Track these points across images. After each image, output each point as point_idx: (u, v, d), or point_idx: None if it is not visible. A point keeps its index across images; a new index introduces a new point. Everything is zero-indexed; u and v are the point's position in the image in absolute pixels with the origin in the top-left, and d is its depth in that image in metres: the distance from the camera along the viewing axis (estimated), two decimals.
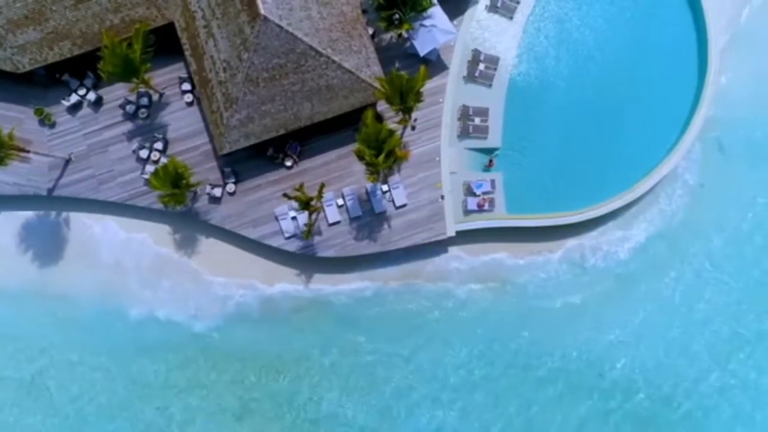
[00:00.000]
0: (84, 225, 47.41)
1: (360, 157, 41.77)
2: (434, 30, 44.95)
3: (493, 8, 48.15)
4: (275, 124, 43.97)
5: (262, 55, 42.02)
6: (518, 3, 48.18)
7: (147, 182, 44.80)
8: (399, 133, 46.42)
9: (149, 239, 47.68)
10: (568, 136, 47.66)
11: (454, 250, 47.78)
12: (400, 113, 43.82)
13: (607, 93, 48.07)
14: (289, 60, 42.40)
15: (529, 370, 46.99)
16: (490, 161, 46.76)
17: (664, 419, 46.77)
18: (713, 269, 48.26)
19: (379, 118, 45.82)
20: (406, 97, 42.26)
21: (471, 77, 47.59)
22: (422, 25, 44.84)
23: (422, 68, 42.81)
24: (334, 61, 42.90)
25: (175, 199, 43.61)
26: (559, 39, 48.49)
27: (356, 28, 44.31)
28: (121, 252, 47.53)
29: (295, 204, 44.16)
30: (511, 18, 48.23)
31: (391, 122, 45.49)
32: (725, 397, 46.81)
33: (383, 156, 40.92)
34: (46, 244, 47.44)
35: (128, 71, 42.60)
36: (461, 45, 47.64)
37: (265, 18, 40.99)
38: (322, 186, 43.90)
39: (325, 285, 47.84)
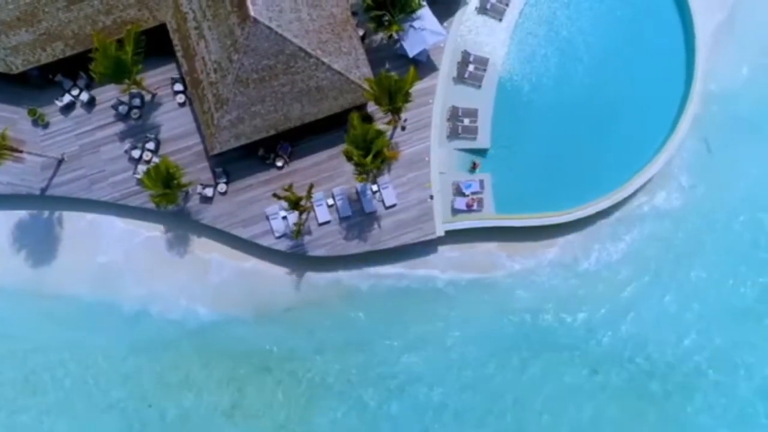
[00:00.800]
0: (76, 224, 47.85)
1: (348, 157, 42.19)
2: (423, 31, 45.35)
3: (482, 10, 48.54)
4: (265, 125, 44.40)
5: (252, 56, 42.45)
6: (507, 5, 48.57)
7: (139, 182, 45.25)
8: (389, 133, 46.93)
9: (142, 239, 48.09)
10: (556, 136, 48.05)
11: (443, 250, 48.17)
12: (390, 114, 44.26)
13: (596, 93, 48.47)
14: (279, 61, 42.83)
15: (521, 367, 47.43)
16: (474, 164, 47.10)
17: None
18: (703, 270, 48.53)
19: (369, 118, 46.29)
20: (394, 98, 42.70)
21: (460, 78, 48.00)
22: (411, 27, 45.23)
23: (411, 69, 43.24)
24: (323, 63, 43.33)
25: (166, 199, 44.02)
26: (548, 40, 48.91)
27: (346, 29, 44.73)
28: (113, 251, 47.95)
29: (285, 204, 44.54)
30: (501, 20, 48.63)
31: (381, 123, 45.89)
32: None
33: (371, 156, 41.34)
34: (40, 243, 47.90)
35: (120, 72, 43.03)
36: (451, 46, 48.04)
37: (255, 20, 41.43)
38: (311, 186, 44.35)
39: (316, 284, 48.23)
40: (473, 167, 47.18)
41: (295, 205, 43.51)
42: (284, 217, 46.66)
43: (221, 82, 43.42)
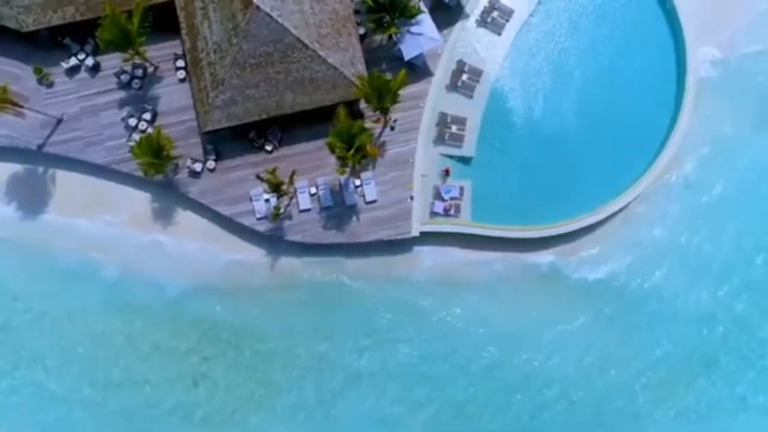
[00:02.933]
0: (67, 183, 49.42)
1: (332, 149, 43.60)
2: (420, 36, 46.82)
3: (482, 23, 49.86)
4: (257, 109, 45.90)
5: (251, 41, 44.00)
6: (507, 21, 49.86)
7: (131, 149, 46.80)
8: (377, 131, 48.35)
9: (129, 205, 49.50)
10: (540, 154, 49.31)
11: (417, 250, 49.40)
12: (378, 113, 45.65)
13: (583, 117, 49.78)
14: (277, 49, 44.35)
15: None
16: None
17: None
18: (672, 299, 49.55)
19: (359, 115, 47.66)
20: (383, 98, 44.10)
21: (453, 86, 49.32)
22: (409, 31, 46.68)
23: (402, 72, 44.66)
24: (319, 56, 44.81)
25: (155, 168, 45.67)
26: (544, 59, 50.24)
27: (346, 26, 46.17)
28: (100, 213, 49.43)
29: (267, 186, 46.01)
30: (500, 34, 49.94)
31: (370, 121, 47.30)
32: None
33: (353, 151, 42.73)
34: (30, 197, 49.54)
35: (124, 42, 44.72)
36: (447, 54, 49.40)
37: (257, 7, 42.99)
38: (293, 173, 45.84)
39: (291, 269, 49.58)
40: (445, 173, 48.37)
41: (275, 188, 45.00)
42: (267, 200, 48.11)
43: (219, 63, 44.99)
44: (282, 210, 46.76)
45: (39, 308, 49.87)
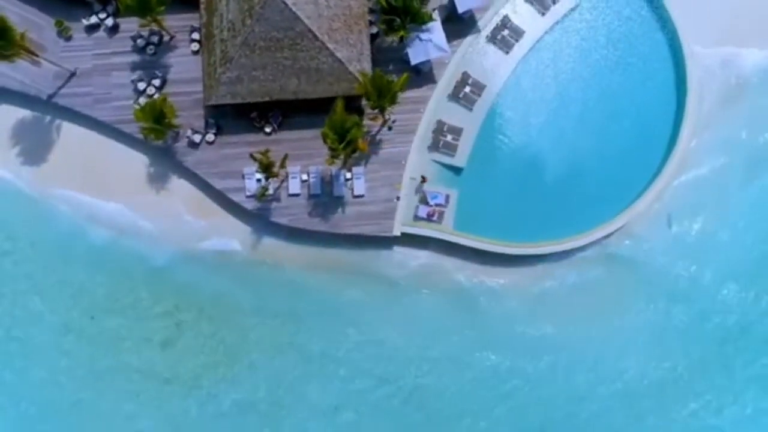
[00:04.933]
0: (71, 136, 51.01)
1: (324, 139, 44.87)
2: (429, 43, 48.01)
3: (492, 39, 50.96)
4: (261, 90, 47.29)
5: (263, 25, 45.41)
6: (517, 41, 50.93)
7: (134, 112, 48.28)
8: (375, 129, 49.61)
9: (126, 165, 51.00)
10: (529, 174, 50.32)
11: (397, 250, 50.56)
12: (377, 111, 46.90)
13: (579, 145, 50.72)
14: (287, 36, 45.72)
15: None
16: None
17: None
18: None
19: (359, 111, 48.87)
20: (383, 97, 45.31)
21: (455, 97, 50.46)
22: (418, 37, 47.89)
23: (404, 75, 45.94)
24: (327, 48, 46.14)
25: (154, 134, 47.20)
26: (547, 83, 51.22)
27: (358, 23, 47.46)
28: (97, 169, 50.98)
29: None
30: (507, 53, 50.99)
31: (368, 118, 48.57)
32: None
33: (344, 144, 43.98)
34: (35, 144, 51.17)
35: (144, 8, 46.28)
36: (454, 64, 50.55)
37: None
38: (286, 157, 47.18)
39: (273, 250, 50.92)
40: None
41: (266, 169, 46.34)
42: (258, 180, 49.46)
43: (231, 42, 46.42)
44: (269, 191, 48.16)
45: (25, 252, 51.37)
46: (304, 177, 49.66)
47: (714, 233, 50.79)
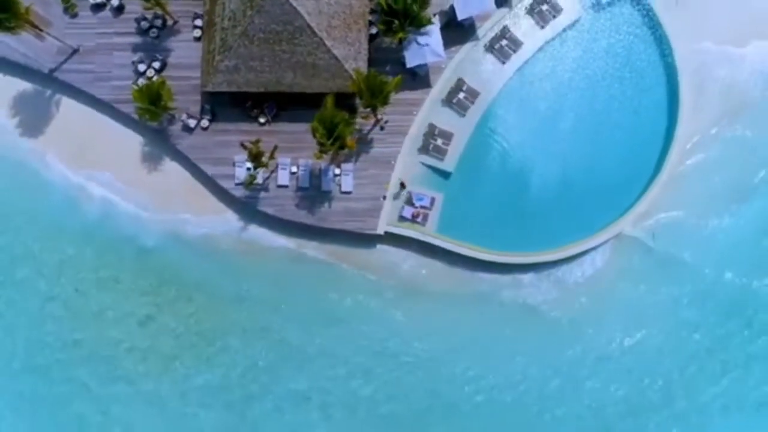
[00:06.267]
0: (69, 111, 52.01)
1: (313, 133, 45.60)
2: (425, 48, 48.64)
3: (490, 48, 51.53)
4: (257, 81, 48.07)
5: (263, 17, 46.17)
6: (515, 51, 51.49)
7: (132, 92, 49.10)
8: (367, 128, 50.32)
9: (121, 144, 51.93)
10: (515, 184, 50.93)
11: (380, 248, 51.29)
12: (369, 110, 47.61)
13: (566, 160, 51.22)
14: (286, 30, 46.46)
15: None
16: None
17: None
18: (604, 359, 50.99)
19: (353, 109, 49.52)
20: (375, 97, 46.00)
21: (448, 102, 51.11)
22: (416, 40, 48.52)
23: (398, 77, 46.63)
24: (325, 45, 46.87)
25: (150, 115, 48.06)
26: (541, 96, 51.76)
27: (358, 23, 48.17)
28: (93, 146, 51.89)
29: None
30: (504, 63, 51.56)
31: (360, 116, 49.29)
32: None
33: (332, 139, 44.71)
34: (33, 116, 52.24)
35: None
36: (450, 70, 51.17)
37: None
38: (275, 148, 47.97)
39: (257, 238, 51.71)
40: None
41: (255, 158, 47.12)
42: (248, 168, 50.24)
43: (231, 31, 47.19)
44: (257, 179, 48.94)
45: (16, 222, 52.40)
46: (294, 169, 50.41)
47: (694, 262, 51.31)
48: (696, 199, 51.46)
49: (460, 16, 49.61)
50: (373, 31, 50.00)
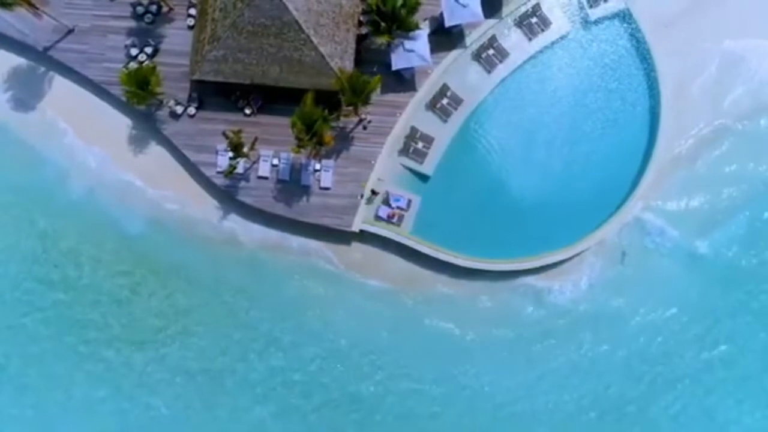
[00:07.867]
0: (60, 89, 53.03)
1: (293, 127, 46.44)
2: (411, 52, 49.41)
3: (477, 57, 52.25)
4: (244, 73, 48.94)
5: (253, 10, 47.05)
6: (501, 62, 52.20)
7: (120, 75, 50.02)
8: (350, 126, 51.12)
9: (109, 126, 52.89)
10: (490, 192, 51.66)
11: (354, 245, 52.11)
12: (351, 108, 48.46)
13: (546, 169, 51.92)
14: (274, 24, 47.32)
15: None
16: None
17: None
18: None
19: (337, 105, 50.20)
20: (357, 96, 46.81)
21: (432, 106, 51.86)
22: (402, 44, 49.28)
23: (377, 78, 47.50)
24: (311, 42, 47.69)
25: (137, 98, 49.01)
26: (524, 107, 52.48)
27: (347, 22, 48.97)
28: (81, 125, 52.88)
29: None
30: (489, 72, 52.28)
31: (343, 114, 50.08)
32: None
33: (310, 135, 45.54)
34: (25, 92, 53.31)
35: None
36: (436, 75, 51.96)
37: None
38: (256, 139, 48.85)
39: (235, 228, 52.58)
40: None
41: (235, 148, 47.98)
42: (231, 158, 51.06)
43: (221, 22, 48.09)
44: (237, 168, 49.79)
45: (5, 199, 53.32)
46: (275, 162, 51.24)
47: (664, 278, 52.03)
48: (671, 216, 52.30)
49: (448, 23, 50.38)
50: (364, 31, 50.79)
